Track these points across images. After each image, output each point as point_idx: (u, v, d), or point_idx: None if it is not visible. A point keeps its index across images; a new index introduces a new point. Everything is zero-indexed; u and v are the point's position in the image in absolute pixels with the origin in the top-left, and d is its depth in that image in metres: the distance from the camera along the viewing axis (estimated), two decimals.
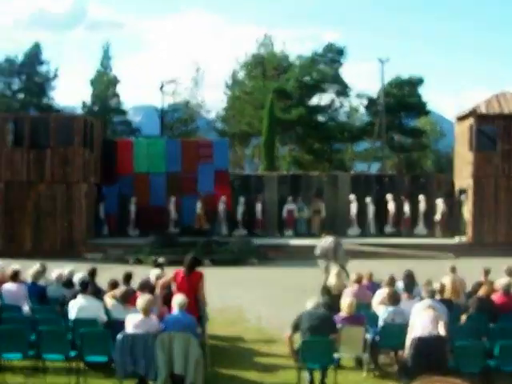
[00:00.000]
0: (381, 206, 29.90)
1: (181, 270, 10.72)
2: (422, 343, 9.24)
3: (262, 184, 31.03)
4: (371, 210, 29.60)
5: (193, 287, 10.52)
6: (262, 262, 24.99)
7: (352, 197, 29.64)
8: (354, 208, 29.60)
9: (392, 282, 11.90)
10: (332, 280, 12.42)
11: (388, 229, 29.74)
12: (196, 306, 10.46)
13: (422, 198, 29.65)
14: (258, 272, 22.57)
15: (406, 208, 29.52)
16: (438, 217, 29.18)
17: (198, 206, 29.03)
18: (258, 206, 29.85)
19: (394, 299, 10.70)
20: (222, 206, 29.60)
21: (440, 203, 29.22)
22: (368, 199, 29.64)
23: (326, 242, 20.22)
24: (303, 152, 55.93)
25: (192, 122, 60.83)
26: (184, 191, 29.72)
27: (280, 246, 27.19)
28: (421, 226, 29.75)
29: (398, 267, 16.44)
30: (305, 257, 24.90)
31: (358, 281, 12.25)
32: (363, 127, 55.74)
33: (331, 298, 11.81)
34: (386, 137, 51.76)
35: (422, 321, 9.51)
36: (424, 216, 29.68)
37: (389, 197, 29.72)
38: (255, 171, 55.86)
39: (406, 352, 9.46)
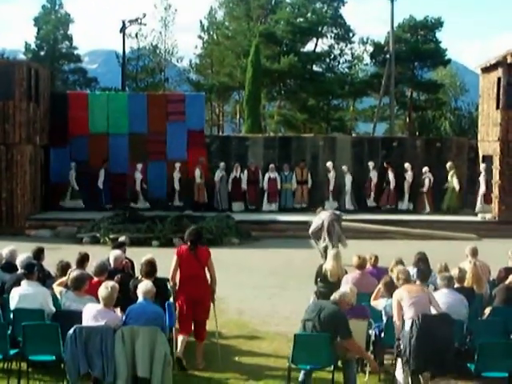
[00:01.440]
0: (384, 176, 29.96)
1: (182, 246, 11.46)
2: (426, 323, 9.41)
3: (244, 148, 30.90)
4: (348, 180, 29.69)
5: (202, 264, 11.23)
6: (244, 241, 24.96)
7: (329, 164, 29.67)
8: (332, 178, 29.65)
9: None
10: (328, 264, 12.34)
11: (369, 203, 29.97)
12: (209, 285, 11.31)
13: (408, 166, 29.74)
14: (240, 254, 22.57)
15: (390, 178, 29.66)
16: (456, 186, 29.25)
17: (197, 173, 29.07)
18: (244, 175, 29.74)
19: (392, 289, 10.58)
20: (220, 174, 29.69)
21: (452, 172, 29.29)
22: (344, 167, 29.67)
23: (319, 218, 20.22)
24: (295, 109, 55.87)
25: (160, 72, 60.51)
26: (150, 156, 29.57)
27: (265, 222, 27.17)
28: (405, 200, 29.93)
29: (408, 250, 16.50)
30: (295, 235, 24.99)
31: (361, 265, 12.19)
32: (368, 80, 55.69)
33: (328, 286, 11.79)
34: (396, 92, 51.72)
35: (411, 300, 9.76)
36: (410, 189, 29.86)
37: (370, 164, 29.82)
38: (237, 132, 55.86)
39: (402, 336, 9.73)
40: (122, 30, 47.32)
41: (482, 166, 29.07)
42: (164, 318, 9.79)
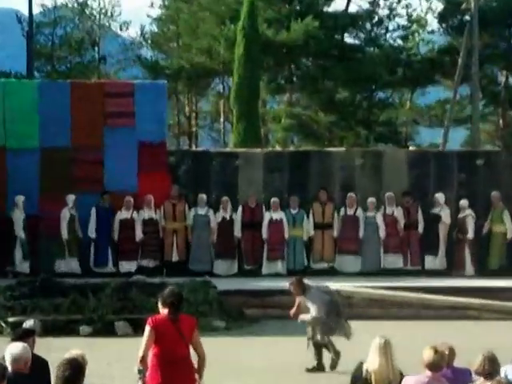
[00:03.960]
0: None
1: (159, 315, 12.08)
2: None
3: (233, 171, 30.85)
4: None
5: (186, 340, 11.89)
6: (233, 325, 25.02)
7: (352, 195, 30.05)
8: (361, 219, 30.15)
9: (493, 366, 11.80)
10: (374, 362, 12.23)
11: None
12: (194, 367, 12.00)
13: (440, 196, 30.00)
14: (225, 346, 22.35)
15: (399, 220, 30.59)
16: None
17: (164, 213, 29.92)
18: (238, 216, 29.70)
19: None
20: (194, 214, 30.14)
21: None
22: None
23: (320, 292, 20.23)
24: (315, 107, 56.11)
25: (93, 47, 60.83)
26: (78, 186, 29.36)
27: (266, 293, 27.06)
28: (440, 255, 30.57)
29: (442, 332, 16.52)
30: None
31: (437, 365, 11.99)
32: (434, 58, 56.00)
33: None
34: (481, 77, 51.89)
35: None
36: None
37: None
38: (220, 146, 55.97)
39: None
40: None
41: None
42: None
